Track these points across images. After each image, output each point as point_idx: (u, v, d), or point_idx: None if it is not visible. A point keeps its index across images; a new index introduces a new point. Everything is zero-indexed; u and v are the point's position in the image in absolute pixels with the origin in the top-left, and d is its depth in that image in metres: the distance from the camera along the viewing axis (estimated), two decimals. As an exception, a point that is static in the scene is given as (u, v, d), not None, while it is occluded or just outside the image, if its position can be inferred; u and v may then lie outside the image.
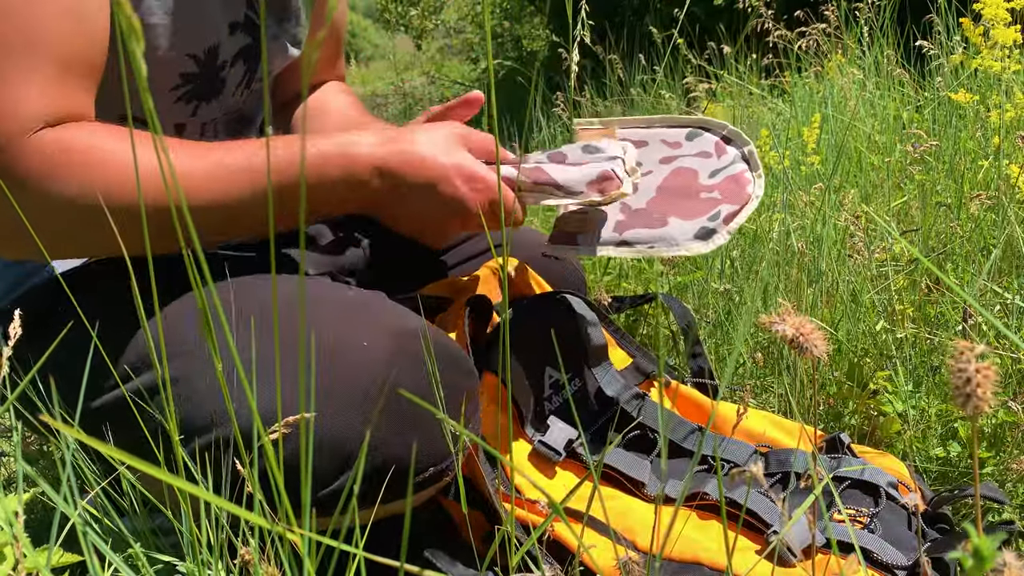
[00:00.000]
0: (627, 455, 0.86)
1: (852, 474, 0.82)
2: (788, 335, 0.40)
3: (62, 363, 0.67)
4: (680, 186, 0.88)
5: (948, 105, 1.66)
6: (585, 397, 0.91)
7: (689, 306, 1.30)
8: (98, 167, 0.66)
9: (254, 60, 0.87)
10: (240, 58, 0.85)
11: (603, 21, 4.54)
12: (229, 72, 0.84)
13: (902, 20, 2.21)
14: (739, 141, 0.90)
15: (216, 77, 0.83)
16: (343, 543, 0.35)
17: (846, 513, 0.78)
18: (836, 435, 0.88)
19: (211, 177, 0.70)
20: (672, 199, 0.87)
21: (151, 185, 0.67)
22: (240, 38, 0.84)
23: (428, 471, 0.70)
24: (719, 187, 0.86)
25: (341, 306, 0.75)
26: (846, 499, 0.81)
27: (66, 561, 0.60)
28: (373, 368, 0.69)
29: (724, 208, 0.84)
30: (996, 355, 0.97)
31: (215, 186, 0.70)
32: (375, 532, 0.66)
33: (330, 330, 0.71)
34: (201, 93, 0.83)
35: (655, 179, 0.89)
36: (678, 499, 0.41)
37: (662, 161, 0.90)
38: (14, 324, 0.54)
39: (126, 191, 0.66)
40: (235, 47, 0.84)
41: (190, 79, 0.81)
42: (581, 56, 0.99)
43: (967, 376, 0.32)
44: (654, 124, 0.95)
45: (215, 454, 0.67)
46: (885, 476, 0.81)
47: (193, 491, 0.27)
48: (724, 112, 2.30)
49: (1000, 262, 1.17)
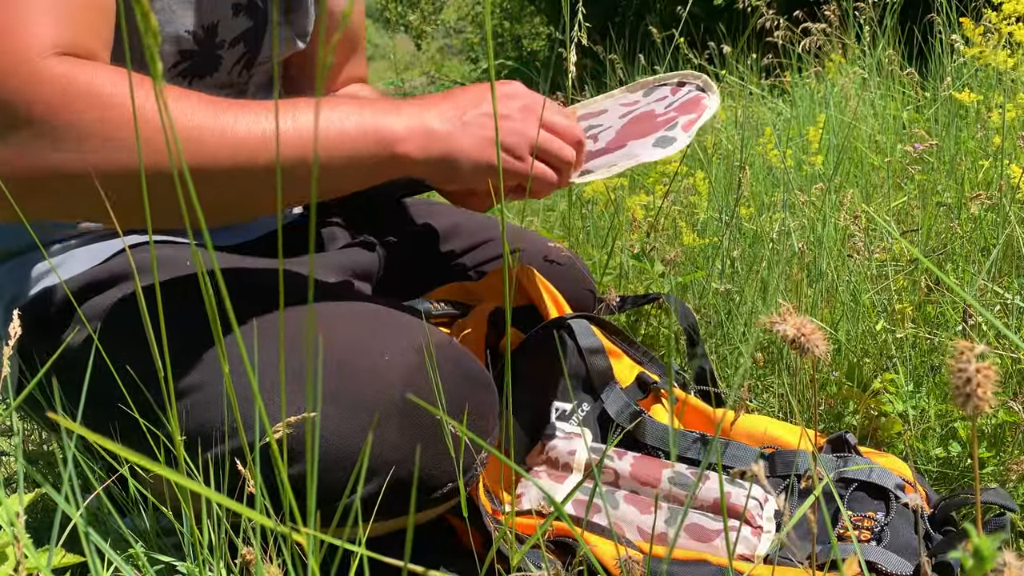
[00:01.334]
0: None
1: (859, 475, 0.82)
2: (789, 335, 0.40)
3: (75, 361, 0.67)
4: (637, 123, 0.89)
5: (949, 105, 1.66)
6: (589, 422, 0.93)
7: (689, 306, 1.30)
8: (116, 109, 0.61)
9: (254, 42, 0.86)
10: (240, 40, 0.85)
11: (604, 21, 4.54)
12: (227, 51, 0.84)
13: (903, 20, 2.21)
14: (698, 81, 0.91)
15: (212, 54, 0.83)
16: (346, 543, 0.35)
17: (854, 520, 0.78)
18: (842, 434, 0.87)
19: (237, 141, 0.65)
20: (630, 130, 0.88)
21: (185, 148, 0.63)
22: (243, 20, 0.84)
23: (447, 486, 0.70)
24: (674, 109, 0.87)
25: (363, 318, 0.74)
26: (854, 502, 0.81)
27: (67, 562, 0.60)
28: (394, 383, 0.68)
29: (681, 119, 0.85)
30: (996, 355, 0.97)
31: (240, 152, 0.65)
32: (376, 537, 0.66)
33: (351, 342, 0.71)
34: (196, 69, 0.83)
35: (613, 128, 0.90)
36: (686, 501, 0.41)
37: (620, 117, 0.92)
38: (14, 324, 0.54)
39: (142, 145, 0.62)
40: (237, 29, 0.84)
41: (188, 56, 0.81)
42: (581, 56, 0.99)
43: (967, 376, 0.32)
44: (614, 95, 0.96)
45: (232, 460, 0.67)
46: (892, 478, 0.81)
47: (197, 489, 0.27)
48: (724, 112, 2.30)
49: (1000, 262, 1.17)
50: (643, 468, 0.85)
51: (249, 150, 0.64)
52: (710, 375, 1.02)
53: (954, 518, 0.78)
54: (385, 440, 0.67)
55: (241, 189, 0.67)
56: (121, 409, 0.70)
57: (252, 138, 0.64)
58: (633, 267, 1.53)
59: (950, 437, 0.98)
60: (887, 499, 0.79)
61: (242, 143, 0.64)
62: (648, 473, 0.84)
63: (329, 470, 0.65)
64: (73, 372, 0.67)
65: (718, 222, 1.59)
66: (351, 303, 0.77)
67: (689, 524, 0.77)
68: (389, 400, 0.67)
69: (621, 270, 1.51)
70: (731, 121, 2.28)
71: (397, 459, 0.67)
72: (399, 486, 0.67)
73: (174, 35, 0.78)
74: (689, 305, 1.25)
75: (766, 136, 1.71)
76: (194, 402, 0.70)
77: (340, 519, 0.66)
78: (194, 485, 0.28)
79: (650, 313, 1.36)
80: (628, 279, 1.50)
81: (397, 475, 0.67)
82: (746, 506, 0.78)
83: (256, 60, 0.88)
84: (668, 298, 1.03)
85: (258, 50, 0.87)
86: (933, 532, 0.76)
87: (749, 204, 1.62)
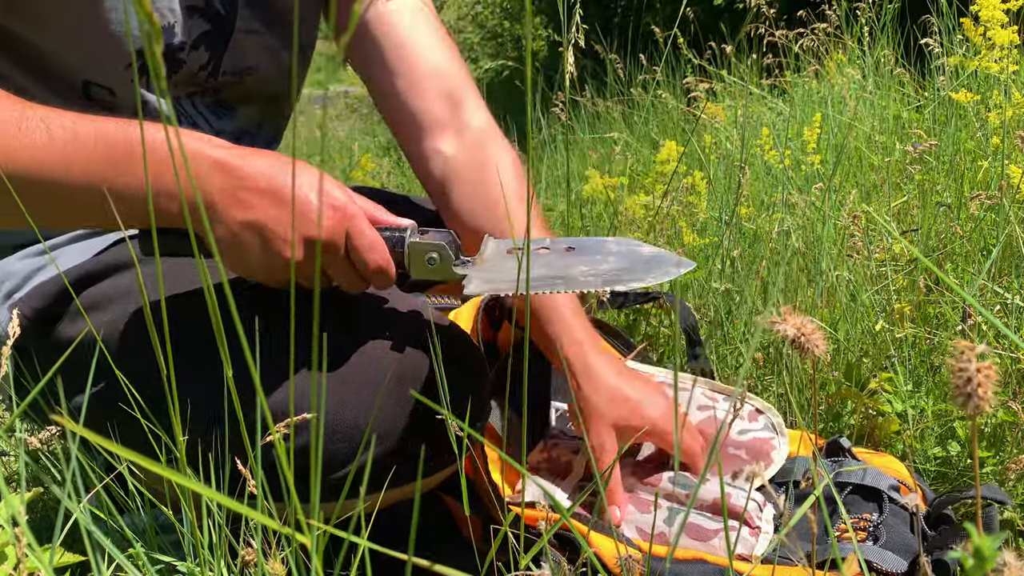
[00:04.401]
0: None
1: (853, 478, 0.82)
2: (789, 335, 0.40)
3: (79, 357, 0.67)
4: (710, 430, 0.90)
5: (948, 105, 1.66)
6: None
7: (690, 305, 1.30)
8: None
9: (219, 48, 0.85)
10: (202, 43, 0.83)
11: (603, 21, 4.54)
12: (190, 54, 0.83)
13: (902, 20, 2.21)
14: (769, 414, 0.94)
15: (173, 57, 0.81)
16: (350, 536, 0.35)
17: (850, 522, 0.78)
18: (836, 438, 0.88)
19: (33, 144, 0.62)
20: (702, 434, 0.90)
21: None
22: (198, 23, 0.83)
23: (443, 452, 0.72)
24: (746, 445, 0.89)
25: (361, 298, 0.76)
26: (849, 505, 0.81)
27: (68, 561, 0.60)
28: (390, 357, 0.71)
29: (746, 468, 0.87)
30: (996, 355, 0.98)
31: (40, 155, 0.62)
32: (377, 530, 0.66)
33: (350, 319, 0.72)
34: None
35: (692, 417, 0.92)
36: (688, 504, 0.41)
37: (699, 408, 0.94)
38: (13, 323, 0.54)
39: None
40: (194, 31, 0.82)
41: (143, 55, 0.80)
42: (581, 56, 0.99)
43: (967, 376, 0.32)
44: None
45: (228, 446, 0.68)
46: (886, 479, 0.82)
47: (197, 489, 0.27)
48: (724, 112, 2.30)
49: (1000, 262, 1.17)
50: (643, 469, 0.85)
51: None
52: (710, 375, 1.02)
53: (949, 515, 0.78)
54: (380, 410, 0.69)
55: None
56: (121, 403, 0.70)
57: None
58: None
59: (949, 437, 0.98)
60: (881, 500, 0.80)
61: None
62: (648, 473, 0.84)
63: (325, 441, 0.67)
64: (72, 366, 0.67)
65: (718, 222, 1.59)
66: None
67: (688, 524, 0.78)
68: (384, 372, 0.70)
69: (621, 270, 1.50)
70: (731, 121, 2.28)
71: (391, 428, 0.69)
72: (394, 455, 0.69)
73: (124, 35, 0.76)
74: (689, 304, 1.25)
75: (763, 136, 1.71)
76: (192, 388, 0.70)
77: (339, 492, 0.67)
78: (195, 485, 0.28)
79: (650, 313, 1.36)
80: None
81: (391, 444, 0.69)
82: (746, 507, 0.78)
83: (220, 68, 0.86)
84: (669, 298, 1.04)
85: (223, 55, 0.86)
86: (928, 530, 0.77)
87: (748, 204, 1.62)
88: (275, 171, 0.64)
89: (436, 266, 0.69)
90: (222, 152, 0.64)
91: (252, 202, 0.63)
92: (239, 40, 0.86)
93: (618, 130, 2.89)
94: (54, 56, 0.76)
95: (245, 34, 0.86)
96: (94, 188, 0.62)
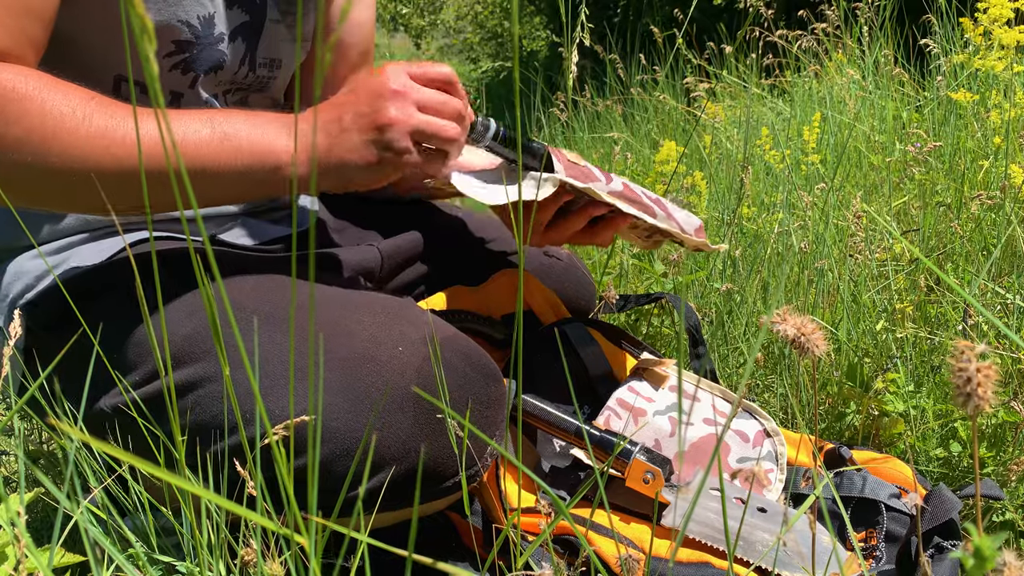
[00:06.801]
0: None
1: (853, 490, 0.82)
2: (790, 335, 0.40)
3: (80, 361, 0.67)
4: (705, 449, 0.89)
5: (948, 105, 1.66)
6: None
7: (692, 305, 1.30)
8: (37, 117, 0.64)
9: (253, 39, 0.86)
10: (239, 35, 0.84)
11: (603, 21, 4.54)
12: (230, 46, 0.83)
13: (901, 20, 2.21)
14: (777, 440, 0.92)
15: (215, 48, 0.82)
16: (351, 531, 0.35)
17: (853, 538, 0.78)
18: (836, 448, 0.87)
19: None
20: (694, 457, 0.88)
21: (121, 151, 0.66)
22: (237, 14, 0.83)
23: (456, 477, 0.71)
24: (739, 478, 0.88)
25: (376, 311, 0.75)
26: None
27: (68, 562, 0.60)
28: (405, 375, 0.69)
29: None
30: (996, 355, 0.98)
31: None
32: (377, 536, 0.66)
33: (366, 335, 0.71)
34: (199, 63, 0.81)
35: (691, 432, 0.91)
36: (685, 517, 0.41)
37: (704, 421, 0.92)
38: (14, 324, 0.54)
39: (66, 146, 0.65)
40: (233, 22, 0.83)
41: (184, 47, 0.80)
42: (581, 56, 0.99)
43: (968, 376, 0.32)
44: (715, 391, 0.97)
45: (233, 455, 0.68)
46: (886, 488, 0.81)
47: (196, 491, 0.27)
48: (724, 112, 2.30)
49: (1000, 262, 1.17)
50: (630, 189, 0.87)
51: (108, 152, 0.66)
52: (711, 375, 1.02)
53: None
54: (397, 431, 0.68)
55: (124, 190, 0.68)
56: (123, 405, 0.70)
57: (119, 141, 0.66)
58: (633, 266, 1.53)
59: (950, 437, 0.98)
60: (879, 512, 0.80)
61: (113, 146, 0.66)
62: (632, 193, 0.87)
63: (339, 460, 0.66)
64: (76, 369, 0.67)
65: (719, 222, 1.59)
66: (367, 298, 0.78)
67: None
68: (402, 392, 0.68)
69: (621, 269, 1.51)
70: (731, 121, 2.28)
71: (407, 449, 0.68)
72: (408, 477, 0.68)
73: (164, 24, 0.77)
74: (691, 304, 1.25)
75: (763, 137, 1.71)
76: (198, 397, 0.70)
77: (345, 510, 0.67)
78: (194, 487, 0.28)
79: (651, 313, 1.36)
80: (628, 278, 1.50)
81: (407, 465, 0.68)
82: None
83: (258, 61, 0.88)
84: (671, 298, 1.04)
85: (257, 46, 0.86)
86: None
87: (750, 204, 1.62)
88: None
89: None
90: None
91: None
92: (268, 29, 0.87)
93: (618, 130, 2.89)
94: (88, 51, 0.76)
95: (273, 23, 0.87)
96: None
